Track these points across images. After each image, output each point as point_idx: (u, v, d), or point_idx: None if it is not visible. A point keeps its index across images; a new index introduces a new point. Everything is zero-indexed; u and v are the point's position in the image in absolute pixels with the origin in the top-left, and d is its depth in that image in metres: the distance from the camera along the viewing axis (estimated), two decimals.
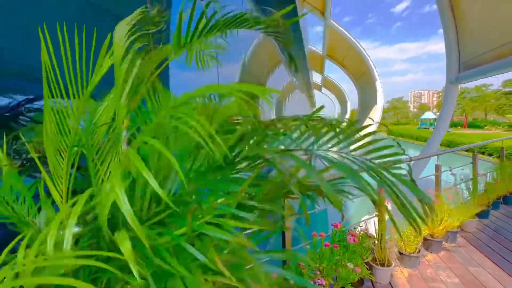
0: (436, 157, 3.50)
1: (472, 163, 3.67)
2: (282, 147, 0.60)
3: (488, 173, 4.00)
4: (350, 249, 1.76)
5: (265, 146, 0.64)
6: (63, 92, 0.56)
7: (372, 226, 2.36)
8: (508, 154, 6.66)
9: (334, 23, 14.39)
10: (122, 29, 0.57)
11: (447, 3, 6.64)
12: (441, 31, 6.77)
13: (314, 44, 19.48)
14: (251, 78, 7.61)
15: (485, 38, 6.13)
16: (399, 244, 2.38)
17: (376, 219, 2.38)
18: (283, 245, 1.72)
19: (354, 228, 2.13)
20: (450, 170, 3.37)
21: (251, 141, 0.64)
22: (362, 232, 1.97)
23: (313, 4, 13.12)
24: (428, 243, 2.64)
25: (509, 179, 3.82)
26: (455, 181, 3.34)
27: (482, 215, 3.28)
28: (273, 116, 11.05)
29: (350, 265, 1.71)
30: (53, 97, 0.55)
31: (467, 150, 4.49)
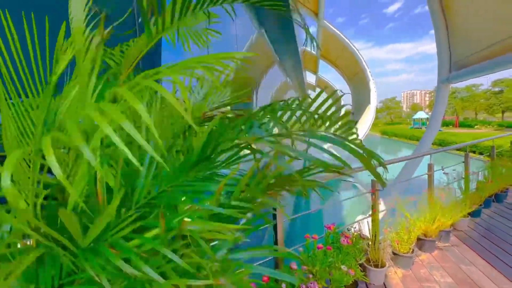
0: (429, 156, 3.53)
1: (464, 162, 3.70)
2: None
3: (480, 172, 4.04)
4: (344, 250, 1.74)
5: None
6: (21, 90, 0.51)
7: (366, 227, 2.35)
8: (499, 153, 6.78)
9: (327, 23, 14.47)
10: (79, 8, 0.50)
11: (438, 4, 6.72)
12: (432, 31, 6.85)
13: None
14: (245, 78, 7.56)
15: (475, 39, 6.21)
16: (392, 244, 2.37)
17: (369, 219, 2.37)
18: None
19: (348, 230, 2.11)
20: (443, 169, 3.39)
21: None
22: (355, 233, 1.95)
23: (306, 5, 13.18)
24: (421, 243, 2.63)
25: (500, 178, 3.86)
26: (448, 180, 3.36)
27: (474, 213, 3.31)
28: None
29: (344, 268, 1.68)
30: (10, 96, 0.50)
31: (459, 149, 4.53)
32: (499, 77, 44.65)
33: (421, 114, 44.50)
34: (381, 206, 4.74)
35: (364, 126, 15.97)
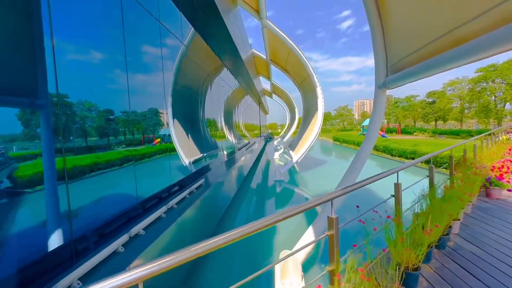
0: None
1: (393, 195, 2.50)
2: None
3: (417, 204, 2.94)
4: None
5: None
6: None
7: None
8: (440, 164, 6.09)
9: (271, 24, 13.45)
10: None
11: (373, 5, 5.91)
12: None
13: (258, 48, 18.40)
14: (188, 81, 5.96)
15: (408, 40, 5.47)
16: None
17: None
18: None
19: None
20: (359, 214, 2.11)
21: None
22: None
23: (247, 2, 11.94)
24: None
25: (441, 216, 2.74)
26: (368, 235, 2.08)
27: (408, 283, 2.09)
28: (221, 122, 9.34)
29: None
30: None
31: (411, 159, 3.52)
32: (433, 89, 49.97)
33: (368, 122, 47.11)
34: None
35: (313, 132, 15.24)
